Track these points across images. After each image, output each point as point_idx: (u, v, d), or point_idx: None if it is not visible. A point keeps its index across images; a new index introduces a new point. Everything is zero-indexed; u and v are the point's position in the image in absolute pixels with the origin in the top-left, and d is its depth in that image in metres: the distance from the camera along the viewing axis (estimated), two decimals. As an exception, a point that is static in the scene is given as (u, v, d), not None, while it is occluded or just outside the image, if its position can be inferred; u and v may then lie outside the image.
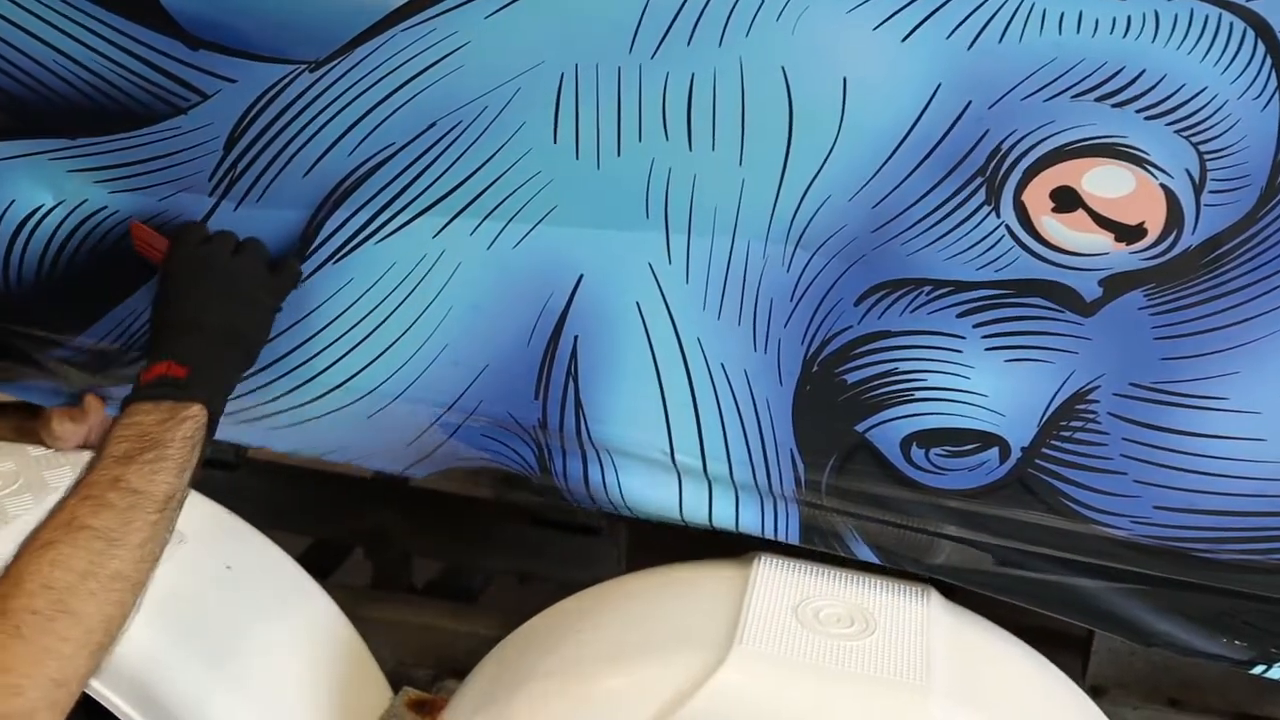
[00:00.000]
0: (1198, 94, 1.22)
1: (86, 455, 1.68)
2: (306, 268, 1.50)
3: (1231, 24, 1.20)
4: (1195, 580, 1.46)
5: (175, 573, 1.54)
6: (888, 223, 1.35)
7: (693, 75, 1.31)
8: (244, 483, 2.21)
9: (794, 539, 1.56)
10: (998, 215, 1.32)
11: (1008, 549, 1.50)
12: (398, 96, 1.37)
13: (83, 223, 1.53)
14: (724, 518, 1.56)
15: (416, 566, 2.32)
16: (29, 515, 1.54)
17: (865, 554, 1.54)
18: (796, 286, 1.41)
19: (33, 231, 1.54)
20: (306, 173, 1.44)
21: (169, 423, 1.30)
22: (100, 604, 1.13)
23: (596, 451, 1.54)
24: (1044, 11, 1.21)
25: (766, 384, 1.46)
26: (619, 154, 1.37)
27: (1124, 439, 1.40)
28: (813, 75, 1.29)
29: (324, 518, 2.27)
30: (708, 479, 1.53)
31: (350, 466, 2.34)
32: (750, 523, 1.55)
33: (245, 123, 1.42)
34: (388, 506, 2.24)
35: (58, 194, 1.51)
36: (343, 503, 2.25)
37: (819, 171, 1.33)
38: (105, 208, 1.52)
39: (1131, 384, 1.38)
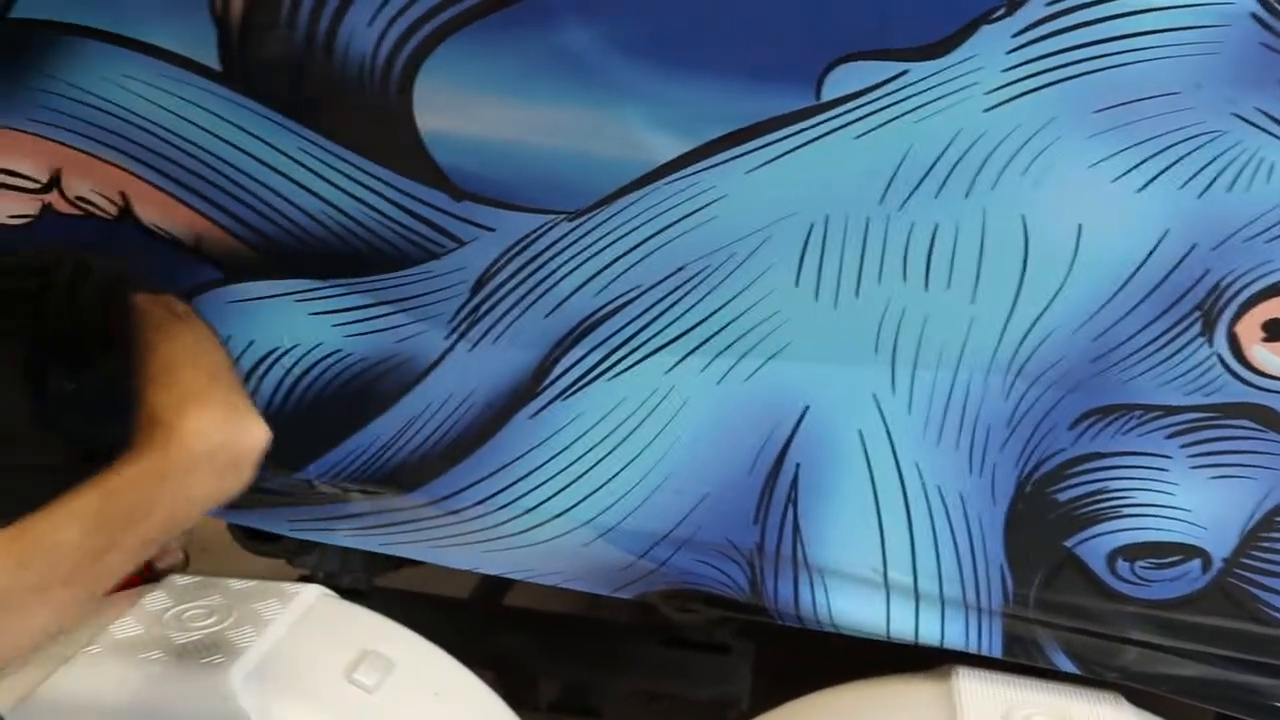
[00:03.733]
0: (1403, 238, 1.37)
1: (287, 586, 1.74)
2: (534, 405, 1.58)
3: None
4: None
5: (391, 699, 1.60)
6: (1106, 353, 1.47)
7: (936, 224, 1.42)
8: (374, 610, 2.24)
9: (996, 652, 1.64)
10: (1210, 345, 1.45)
11: (1203, 654, 1.60)
12: (650, 244, 1.47)
13: (313, 367, 1.60)
14: (930, 633, 1.64)
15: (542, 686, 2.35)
16: (254, 649, 1.58)
17: (1064, 664, 1.64)
18: (1014, 413, 1.52)
19: (266, 373, 1.60)
20: (549, 314, 1.53)
21: None
22: None
23: (809, 572, 1.62)
24: (1272, 164, 1.35)
25: (980, 504, 1.56)
26: (857, 295, 1.47)
27: (1320, 548, 1.53)
28: (1051, 222, 1.41)
29: (454, 644, 2.30)
30: (917, 596, 1.62)
31: (479, 591, 2.41)
32: (955, 637, 1.64)
33: (497, 267, 1.51)
34: (516, 630, 2.28)
35: (294, 336, 1.58)
36: (472, 629, 2.28)
37: (1046, 308, 1.45)
38: (338, 351, 1.59)
39: (1328, 497, 1.51)
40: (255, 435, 1.29)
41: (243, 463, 1.28)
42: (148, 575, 1.93)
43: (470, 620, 2.28)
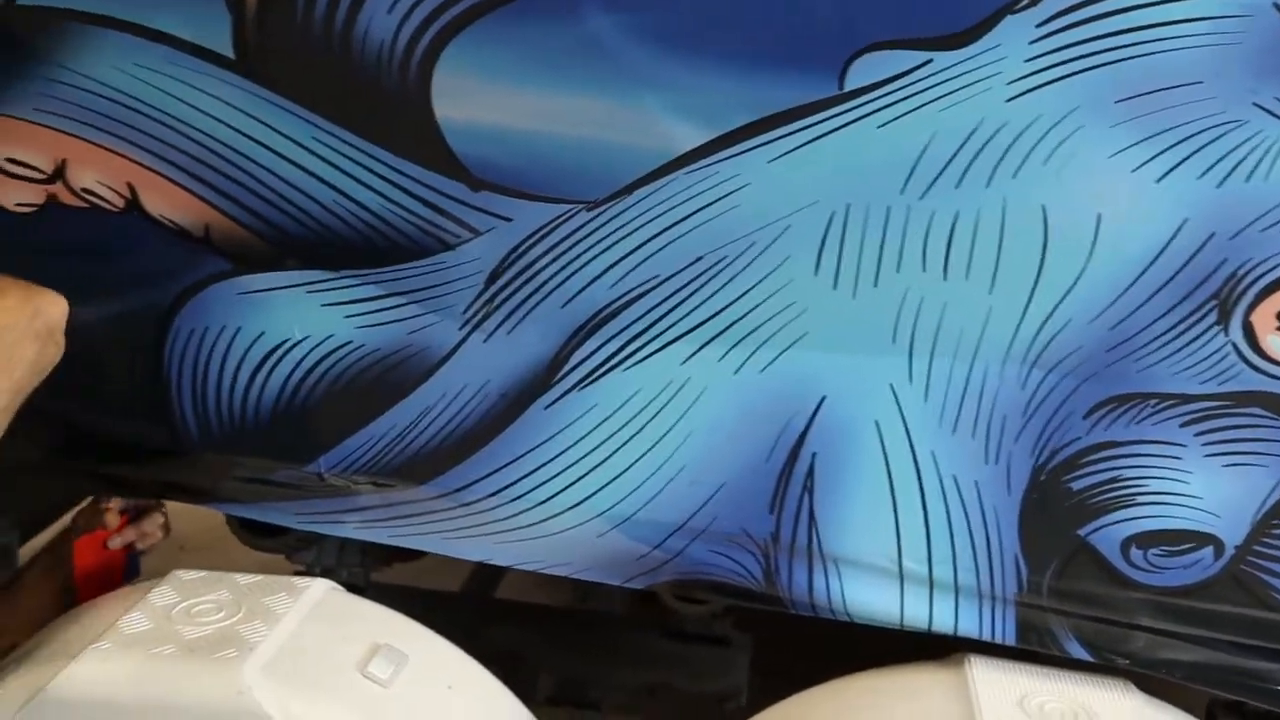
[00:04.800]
0: None
1: (296, 581, 1.71)
2: (549, 396, 1.57)
3: None
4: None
5: (405, 692, 1.59)
6: (1122, 342, 1.47)
7: (957, 214, 1.43)
8: (372, 605, 2.23)
9: (1010, 639, 1.65)
10: (1226, 334, 1.46)
11: (1209, 639, 1.62)
12: (670, 233, 1.47)
13: (324, 358, 1.58)
14: (943, 622, 1.64)
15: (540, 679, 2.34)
16: (267, 643, 1.56)
17: (1077, 651, 1.64)
18: (1030, 402, 1.52)
19: (275, 365, 1.58)
20: (565, 304, 1.52)
21: None
22: None
23: (824, 561, 1.62)
24: (1289, 153, 1.36)
25: (996, 493, 1.57)
26: (876, 284, 1.47)
27: (1332, 535, 1.54)
28: (1070, 212, 1.41)
29: (450, 638, 2.28)
30: (931, 585, 1.62)
31: (470, 584, 2.39)
32: (969, 625, 1.64)
33: (513, 257, 1.50)
34: (513, 623, 2.27)
35: (305, 328, 1.57)
36: (468, 623, 2.26)
37: (1064, 298, 1.46)
38: (350, 343, 1.57)
39: (1340, 483, 1.52)
40: (57, 303, 1.40)
41: (55, 330, 1.40)
42: (129, 554, 1.90)
43: (466, 614, 2.26)
